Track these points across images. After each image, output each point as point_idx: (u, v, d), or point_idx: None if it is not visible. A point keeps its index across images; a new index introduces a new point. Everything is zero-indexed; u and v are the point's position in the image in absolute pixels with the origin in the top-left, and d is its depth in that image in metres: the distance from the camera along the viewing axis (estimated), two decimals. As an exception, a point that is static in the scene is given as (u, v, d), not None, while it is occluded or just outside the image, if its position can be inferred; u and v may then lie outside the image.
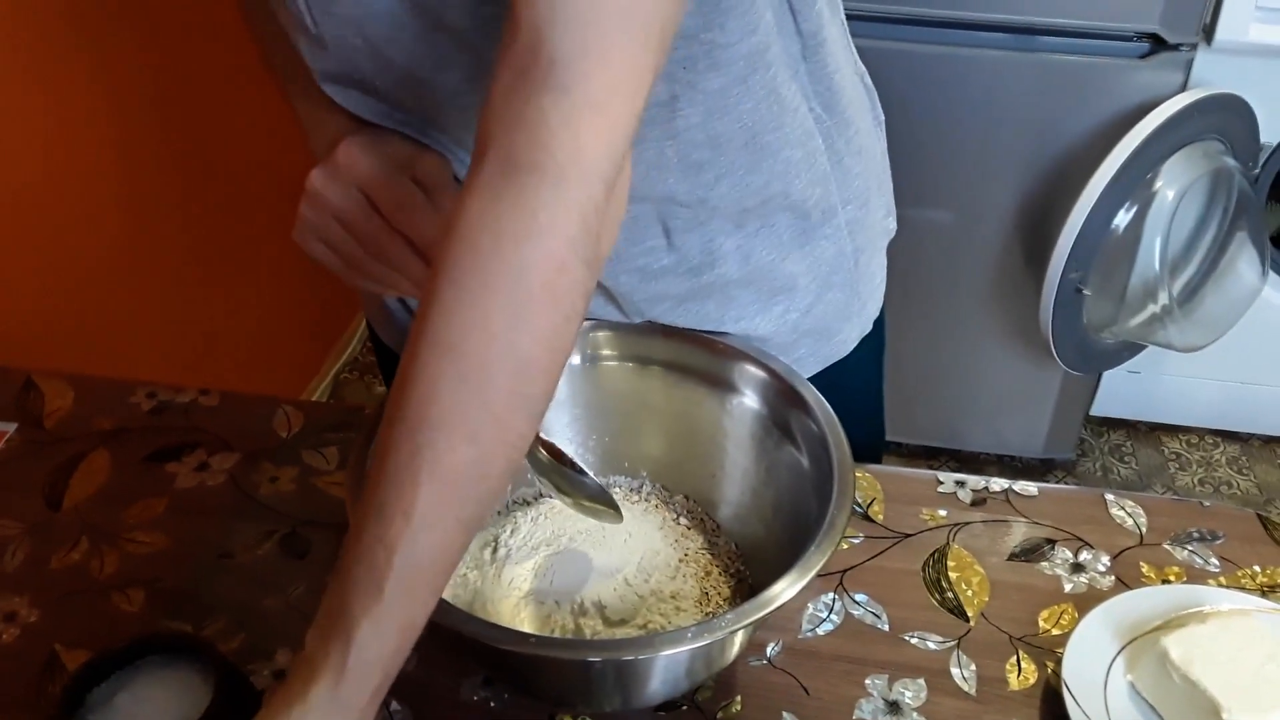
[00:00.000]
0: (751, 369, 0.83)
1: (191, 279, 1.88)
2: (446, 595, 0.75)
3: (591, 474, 0.77)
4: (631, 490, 0.89)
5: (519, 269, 0.55)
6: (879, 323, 0.97)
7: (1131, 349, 1.95)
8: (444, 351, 0.55)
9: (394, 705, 0.76)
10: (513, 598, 0.76)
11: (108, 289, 1.66)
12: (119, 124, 1.64)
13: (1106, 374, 2.10)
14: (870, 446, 1.04)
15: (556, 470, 0.77)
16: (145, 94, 1.69)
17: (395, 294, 0.76)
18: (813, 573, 0.65)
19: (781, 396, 0.81)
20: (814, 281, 0.87)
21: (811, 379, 0.81)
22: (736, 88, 0.72)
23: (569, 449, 0.87)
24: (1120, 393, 2.20)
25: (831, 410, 0.77)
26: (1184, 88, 1.69)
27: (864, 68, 0.90)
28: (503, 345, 0.55)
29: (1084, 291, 1.75)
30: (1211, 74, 1.71)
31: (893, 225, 0.98)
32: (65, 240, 1.56)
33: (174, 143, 1.78)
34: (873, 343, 0.96)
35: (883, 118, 0.93)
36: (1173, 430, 2.32)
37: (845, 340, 0.93)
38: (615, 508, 0.78)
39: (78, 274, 1.59)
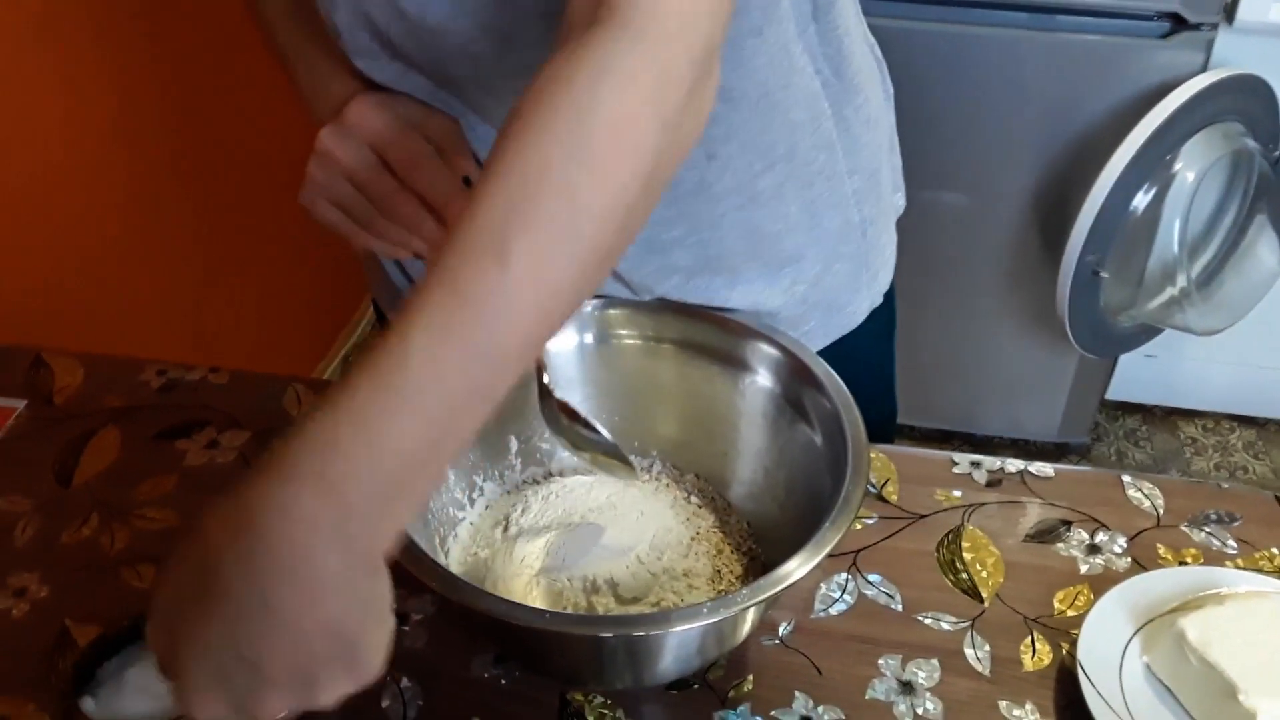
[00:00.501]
0: (764, 347, 0.82)
1: (200, 261, 1.88)
2: (457, 573, 0.75)
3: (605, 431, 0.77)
4: (642, 469, 0.88)
5: (586, 107, 0.52)
6: (889, 297, 0.96)
7: (1149, 332, 1.94)
8: (499, 179, 0.51)
9: (404, 682, 0.75)
10: (524, 575, 0.76)
11: (117, 269, 1.66)
12: (129, 104, 1.64)
13: (1123, 358, 2.08)
14: (883, 425, 1.03)
15: (571, 429, 0.77)
16: (155, 75, 1.69)
17: (407, 254, 0.75)
18: (828, 549, 0.64)
19: (794, 374, 0.80)
20: (822, 252, 0.86)
21: (821, 352, 0.80)
22: (751, 39, 0.71)
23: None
24: (1136, 377, 2.19)
25: (845, 387, 0.76)
26: (1204, 68, 1.67)
27: (874, 39, 0.89)
28: (558, 179, 0.51)
29: (1101, 274, 1.73)
30: (1232, 54, 1.69)
31: (901, 202, 0.97)
32: (75, 219, 1.56)
33: (184, 124, 1.78)
34: (883, 316, 0.95)
35: (892, 91, 0.92)
36: (1189, 415, 2.31)
37: (855, 312, 0.92)
38: (628, 462, 0.78)
39: (87, 253, 1.59)
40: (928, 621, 0.79)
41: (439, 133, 0.72)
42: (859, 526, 0.86)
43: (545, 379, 0.77)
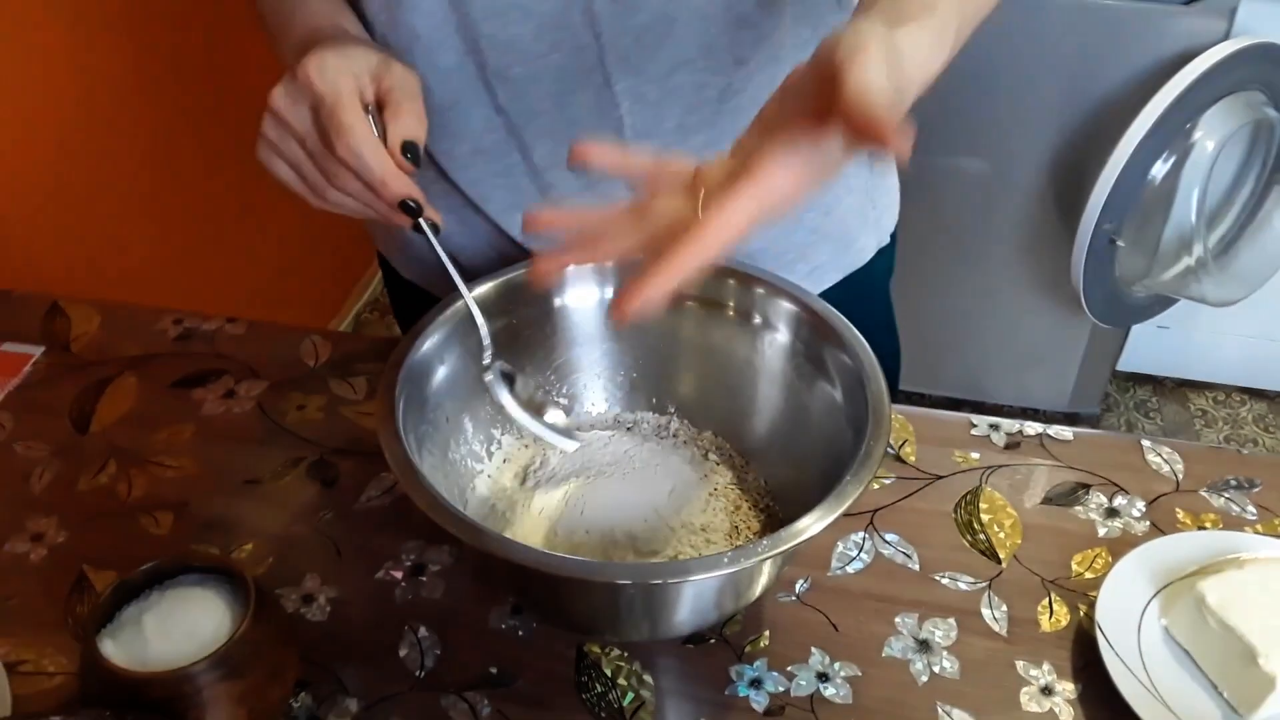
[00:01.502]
0: (785, 304, 0.81)
1: (214, 214, 1.87)
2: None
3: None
4: (659, 426, 0.88)
5: None
6: (893, 240, 0.96)
7: (1163, 303, 1.93)
8: None
9: (422, 632, 0.76)
10: (543, 528, 0.76)
11: (132, 220, 1.65)
12: (147, 55, 1.63)
13: (1135, 329, 2.08)
14: (892, 374, 1.04)
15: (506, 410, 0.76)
16: (172, 26, 1.68)
17: (361, 216, 0.73)
18: (848, 503, 0.64)
19: (815, 331, 0.79)
20: (831, 180, 0.86)
21: (829, 292, 0.80)
22: None
23: (597, 384, 0.87)
24: (1148, 348, 2.18)
25: (866, 344, 0.76)
26: (1226, 36, 1.65)
27: None
28: None
29: (1118, 243, 1.72)
30: (1255, 23, 1.67)
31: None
32: (92, 169, 1.55)
33: (201, 75, 1.77)
34: (886, 261, 0.96)
35: None
36: (1199, 387, 2.30)
37: (863, 249, 0.93)
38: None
39: (102, 203, 1.58)
40: (945, 581, 0.79)
41: (394, 83, 0.69)
42: (876, 486, 0.86)
43: (486, 359, 0.75)
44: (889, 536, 0.82)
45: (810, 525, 0.62)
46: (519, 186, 0.83)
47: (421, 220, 0.69)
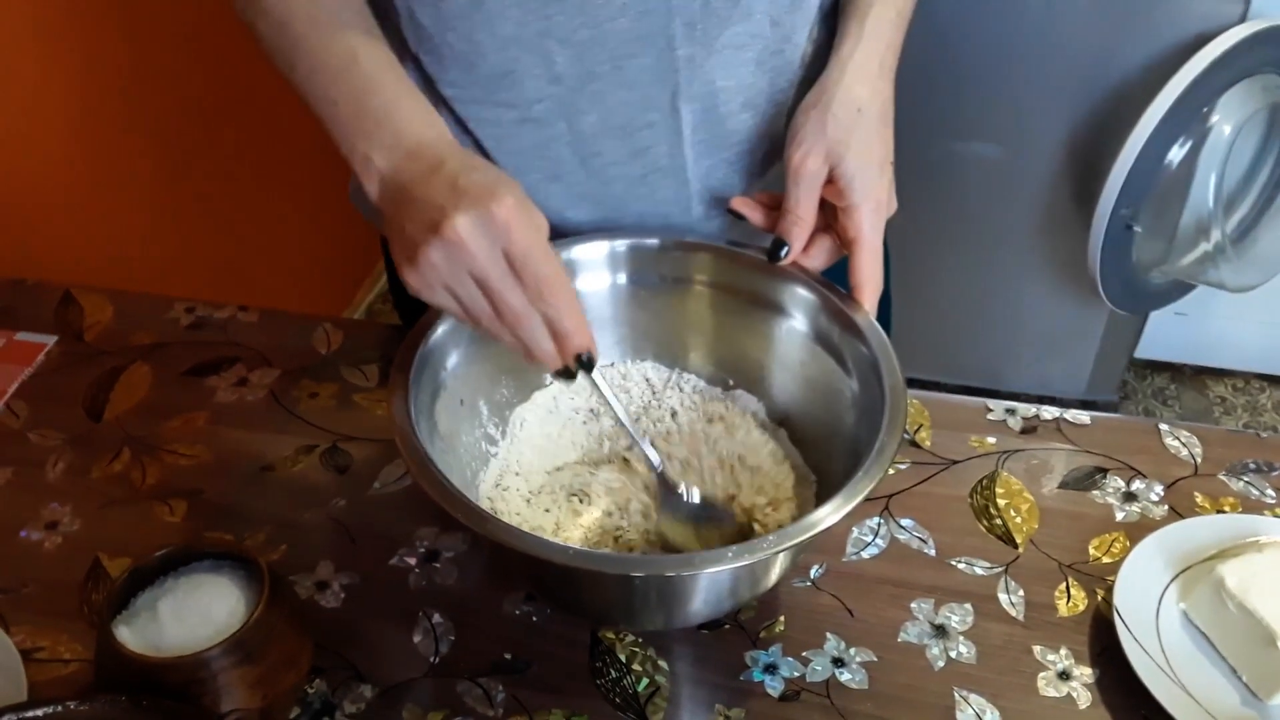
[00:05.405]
0: (801, 291, 0.80)
1: (226, 207, 1.87)
2: (488, 509, 0.75)
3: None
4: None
5: None
6: None
7: (1181, 289, 1.91)
8: None
9: (436, 618, 0.75)
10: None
11: (144, 209, 1.65)
12: (156, 48, 1.63)
13: (1152, 315, 2.06)
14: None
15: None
16: (185, 12, 1.68)
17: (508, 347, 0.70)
18: (860, 498, 0.63)
19: (832, 319, 0.78)
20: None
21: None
22: None
23: (611, 371, 0.86)
24: (1166, 335, 2.16)
25: (884, 334, 0.75)
26: (1243, 19, 1.63)
27: None
28: None
29: (1135, 229, 1.71)
30: (1272, 5, 1.65)
31: None
32: (104, 158, 1.55)
33: (212, 67, 1.76)
34: None
35: None
36: (1218, 374, 2.28)
37: None
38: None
39: (115, 192, 1.59)
40: (961, 566, 0.79)
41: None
42: (892, 471, 0.85)
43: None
44: (905, 521, 0.82)
45: (821, 519, 0.62)
46: (560, 158, 0.83)
47: (586, 371, 0.69)
